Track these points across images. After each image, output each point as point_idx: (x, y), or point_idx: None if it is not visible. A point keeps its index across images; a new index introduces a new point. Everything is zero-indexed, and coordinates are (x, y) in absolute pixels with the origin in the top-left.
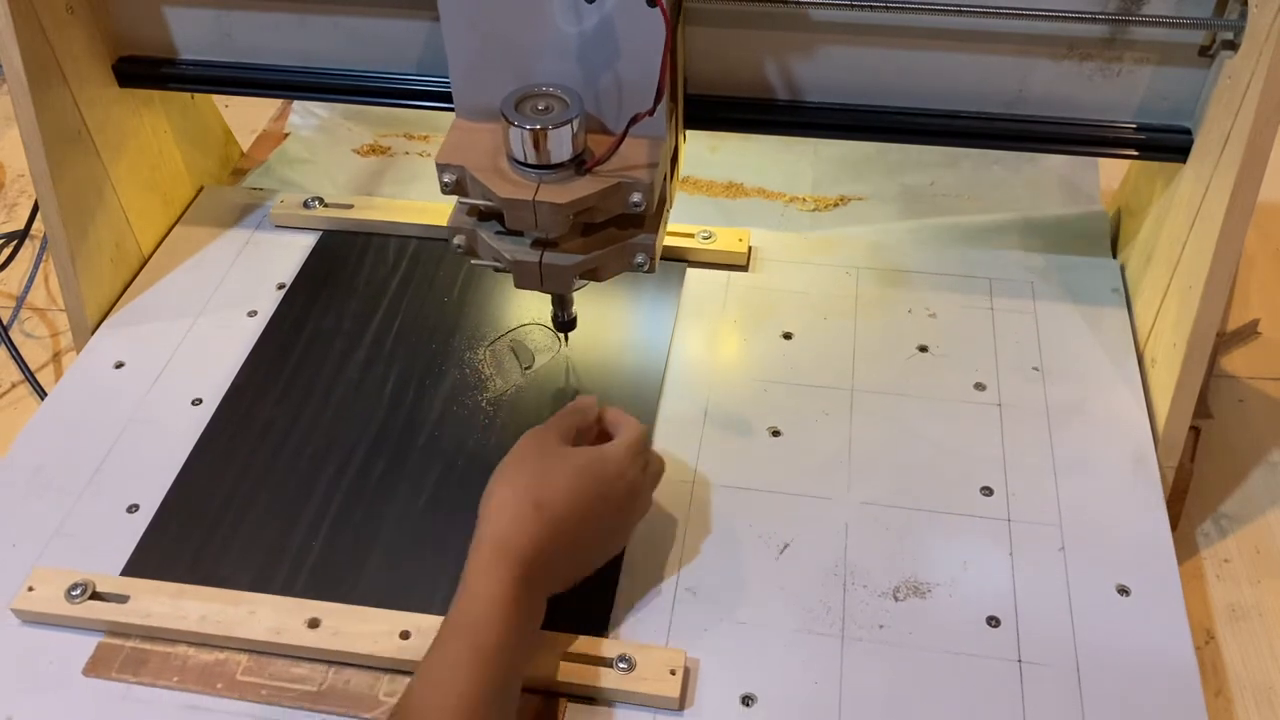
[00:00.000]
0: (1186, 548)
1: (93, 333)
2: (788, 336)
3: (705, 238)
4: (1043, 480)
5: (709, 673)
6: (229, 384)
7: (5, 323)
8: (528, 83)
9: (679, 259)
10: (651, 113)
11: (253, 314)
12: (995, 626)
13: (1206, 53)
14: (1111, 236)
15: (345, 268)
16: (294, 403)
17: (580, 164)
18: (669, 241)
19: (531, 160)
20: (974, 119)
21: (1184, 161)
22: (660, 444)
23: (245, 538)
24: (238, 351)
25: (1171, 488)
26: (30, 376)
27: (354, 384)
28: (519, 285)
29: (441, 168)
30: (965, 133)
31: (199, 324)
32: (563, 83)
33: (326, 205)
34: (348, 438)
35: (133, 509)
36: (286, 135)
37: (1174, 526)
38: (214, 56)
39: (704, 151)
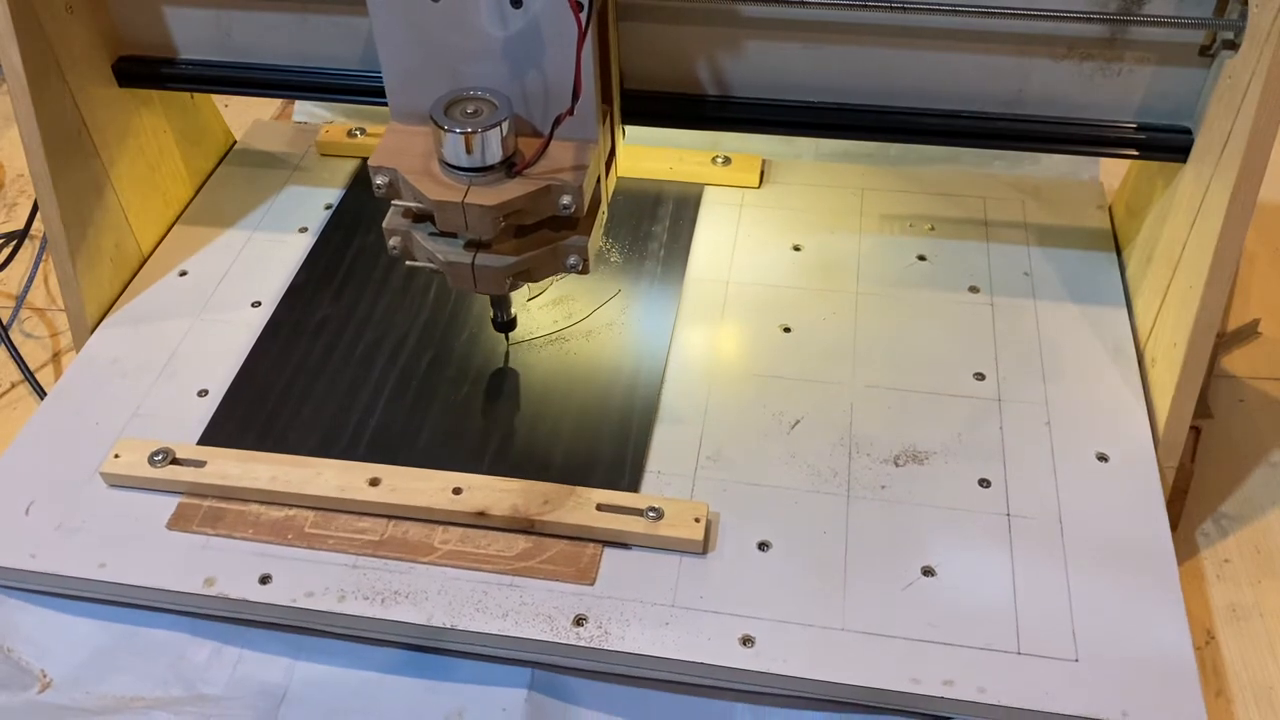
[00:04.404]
0: (1186, 548)
1: (92, 332)
2: (797, 248)
3: (722, 162)
4: (1030, 366)
5: (728, 523)
6: (285, 288)
7: (5, 323)
8: (459, 86)
9: (696, 181)
10: (570, 113)
11: (303, 230)
12: (986, 487)
13: (1206, 53)
14: (1111, 236)
15: None
16: (347, 304)
17: (510, 166)
18: (690, 166)
19: (461, 163)
20: (974, 119)
21: (1184, 161)
22: (681, 338)
23: (308, 415)
24: (291, 261)
25: (1171, 488)
26: (30, 376)
27: (400, 289)
28: (453, 286)
29: (374, 170)
30: (965, 133)
31: (254, 238)
32: (494, 86)
33: (369, 134)
34: (398, 331)
35: (202, 393)
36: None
37: (1174, 526)
38: (214, 56)
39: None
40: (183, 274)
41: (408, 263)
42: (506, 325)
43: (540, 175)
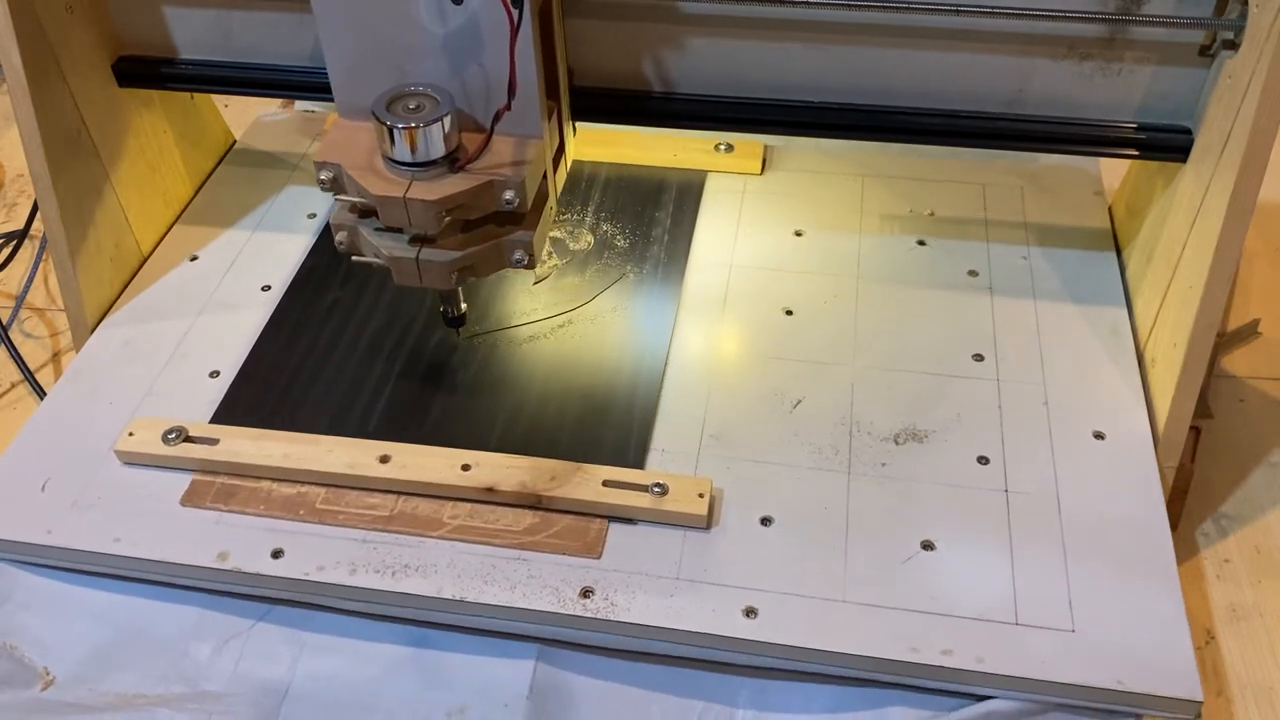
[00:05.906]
0: (1186, 548)
1: (92, 331)
2: (799, 233)
3: (725, 149)
4: (1028, 348)
5: (731, 500)
6: (295, 272)
7: (5, 323)
8: (404, 82)
9: (699, 168)
10: (508, 108)
11: (312, 216)
12: (985, 464)
13: (1206, 52)
14: (1111, 235)
15: None
16: (355, 287)
17: (453, 162)
18: (692, 153)
19: (404, 158)
20: (974, 119)
21: (1184, 161)
22: (685, 323)
23: (318, 395)
24: (300, 247)
25: (1171, 488)
26: (30, 376)
27: None
28: (399, 281)
29: (319, 166)
30: (965, 132)
31: (263, 225)
32: (438, 82)
33: None
34: (406, 314)
35: (214, 374)
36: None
37: (1174, 526)
38: (214, 56)
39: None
40: (193, 259)
41: (354, 258)
42: (456, 320)
43: (483, 170)
